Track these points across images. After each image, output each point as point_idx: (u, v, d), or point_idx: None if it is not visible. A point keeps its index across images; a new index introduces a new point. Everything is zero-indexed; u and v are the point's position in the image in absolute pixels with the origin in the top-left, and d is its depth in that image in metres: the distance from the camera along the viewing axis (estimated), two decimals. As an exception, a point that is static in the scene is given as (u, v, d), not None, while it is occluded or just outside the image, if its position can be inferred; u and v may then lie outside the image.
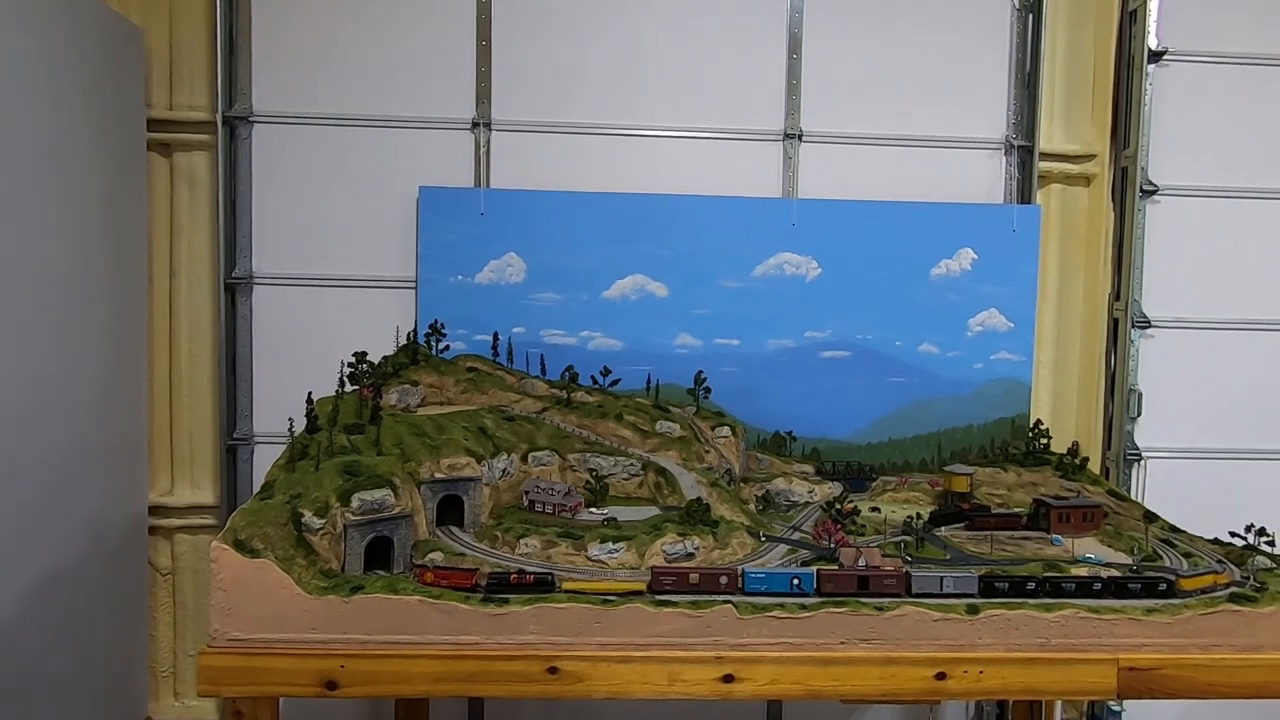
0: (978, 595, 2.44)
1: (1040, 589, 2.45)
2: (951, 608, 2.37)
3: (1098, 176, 4.87)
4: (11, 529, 3.30)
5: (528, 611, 2.26)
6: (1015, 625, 2.34)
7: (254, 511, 2.35)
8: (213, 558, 2.21)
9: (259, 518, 2.33)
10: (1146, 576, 2.53)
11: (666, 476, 3.46)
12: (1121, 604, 2.42)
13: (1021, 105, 4.70)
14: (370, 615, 2.23)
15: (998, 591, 2.44)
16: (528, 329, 4.41)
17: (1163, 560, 2.93)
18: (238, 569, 2.21)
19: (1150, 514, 3.56)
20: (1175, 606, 2.43)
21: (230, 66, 4.37)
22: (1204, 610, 2.41)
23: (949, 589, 2.43)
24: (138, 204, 4.38)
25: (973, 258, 4.63)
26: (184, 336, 4.60)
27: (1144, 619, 2.38)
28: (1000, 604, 2.39)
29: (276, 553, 2.27)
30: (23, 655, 3.38)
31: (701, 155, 4.59)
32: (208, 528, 4.59)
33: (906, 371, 4.64)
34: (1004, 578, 2.48)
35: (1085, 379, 4.96)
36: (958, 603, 2.40)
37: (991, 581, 2.46)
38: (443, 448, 2.95)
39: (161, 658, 4.70)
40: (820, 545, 2.87)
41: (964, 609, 2.37)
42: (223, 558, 2.21)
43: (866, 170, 4.66)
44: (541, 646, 2.26)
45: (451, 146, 4.49)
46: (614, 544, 2.63)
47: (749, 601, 2.35)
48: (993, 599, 2.42)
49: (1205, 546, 3.07)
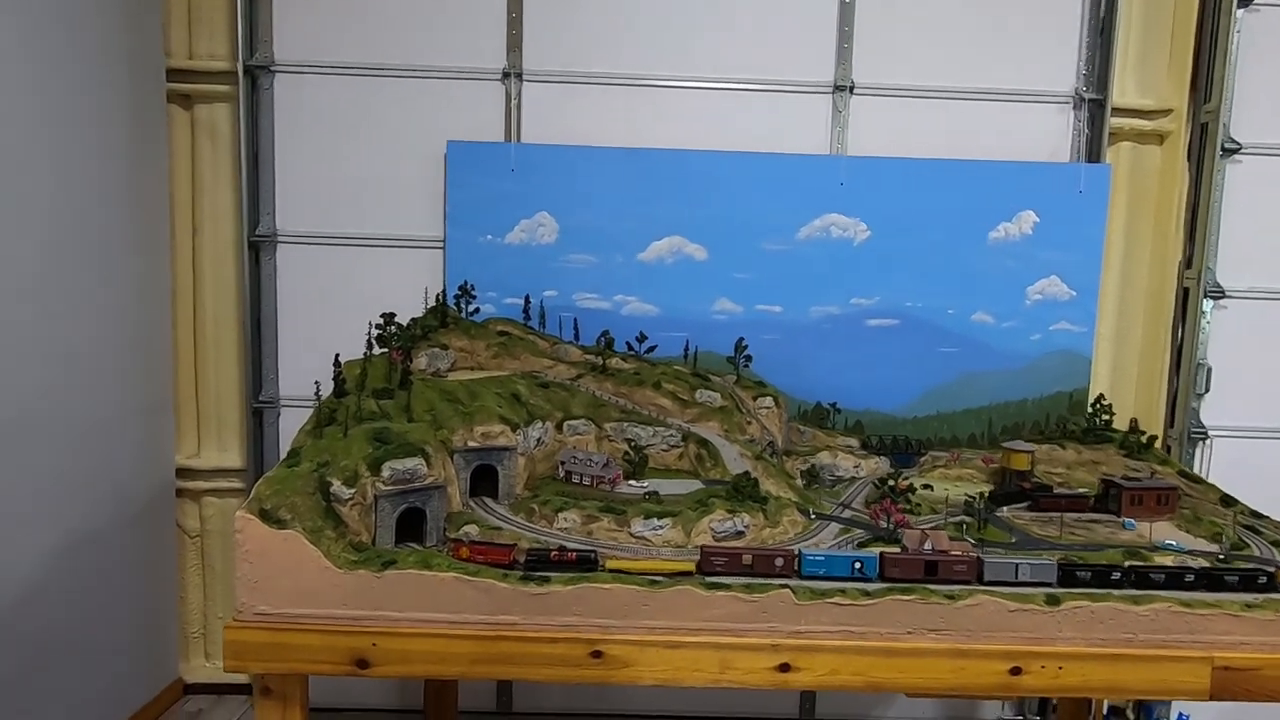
0: (1056, 584, 2.25)
1: (1126, 579, 2.25)
2: (1029, 597, 2.18)
3: (1173, 133, 4.50)
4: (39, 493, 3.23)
5: (570, 591, 2.12)
6: (1100, 618, 2.15)
7: (280, 480, 2.22)
8: (237, 528, 2.08)
9: (285, 486, 2.20)
10: (1244, 569, 2.31)
11: (709, 448, 3.29)
12: (1216, 598, 2.21)
13: (1094, 54, 4.33)
14: (403, 592, 2.10)
15: (1079, 581, 2.25)
16: (560, 292, 4.22)
17: (1251, 550, 2.70)
18: (264, 540, 2.08)
19: (1228, 497, 3.31)
20: (1276, 602, 2.22)
21: (251, 13, 4.16)
22: (1309, 606, 2.19)
23: (1025, 577, 2.23)
24: (159, 158, 4.22)
25: (1034, 221, 4.32)
26: (208, 296, 4.47)
27: (1242, 615, 2.18)
28: (1083, 594, 2.20)
29: (304, 524, 2.14)
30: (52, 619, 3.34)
31: (745, 108, 4.31)
32: (235, 491, 4.53)
33: (958, 342, 4.39)
34: (1085, 566, 2.28)
35: (1148, 352, 4.65)
36: (1035, 592, 2.21)
37: (1072, 570, 2.26)
38: (476, 415, 2.80)
39: (192, 619, 4.68)
40: (878, 525, 2.69)
41: (1043, 599, 2.18)
42: (248, 528, 2.08)
43: (921, 125, 4.34)
44: (585, 629, 2.11)
45: (481, 98, 4.26)
46: (658, 520, 2.47)
47: (807, 586, 2.18)
48: (1074, 589, 2.23)
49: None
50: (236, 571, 2.11)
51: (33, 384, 3.13)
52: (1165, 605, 2.18)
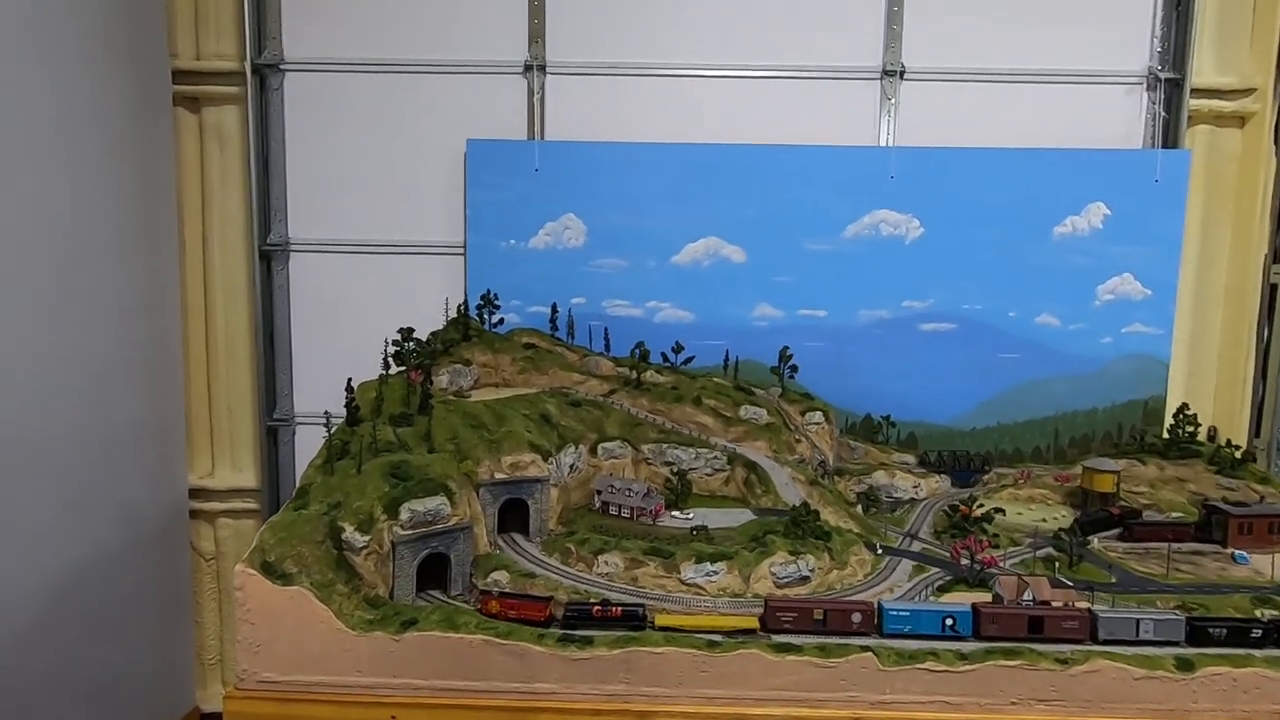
0: (1185, 643, 1.92)
1: (1267, 637, 1.92)
2: (1156, 661, 1.86)
3: (1256, 115, 4.09)
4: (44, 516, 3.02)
5: (615, 656, 1.84)
6: (1243, 687, 1.82)
7: (286, 525, 1.97)
8: (237, 585, 1.83)
9: (292, 533, 1.94)
10: None
11: (758, 472, 2.99)
12: (1379, 660, 1.87)
13: (1170, 30, 3.94)
14: (425, 656, 1.84)
15: (1212, 639, 1.91)
16: (589, 299, 3.94)
17: (1395, 591, 2.34)
18: (267, 598, 1.83)
19: (1345, 523, 2.94)
20: None
21: (259, 10, 3.92)
22: None
23: (1148, 635, 1.91)
24: (165, 164, 3.99)
25: (1105, 214, 3.95)
26: (219, 308, 4.25)
27: None
28: (1219, 658, 1.86)
29: (313, 577, 1.88)
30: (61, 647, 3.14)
31: (785, 98, 3.97)
32: (250, 512, 4.31)
33: (1021, 347, 4.03)
34: (1217, 620, 1.94)
35: (1229, 356, 4.25)
36: (1162, 654, 1.88)
37: (1204, 626, 1.93)
38: (503, 442, 2.53)
39: (208, 645, 4.48)
40: (959, 564, 2.37)
41: (1173, 663, 1.86)
42: (249, 584, 1.83)
43: (978, 112, 3.97)
44: (633, 699, 1.84)
45: (502, 93, 3.97)
46: (712, 564, 2.18)
47: (891, 647, 1.88)
48: (1206, 649, 1.89)
49: None
50: (237, 634, 1.85)
51: (37, 403, 2.91)
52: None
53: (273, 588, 1.79)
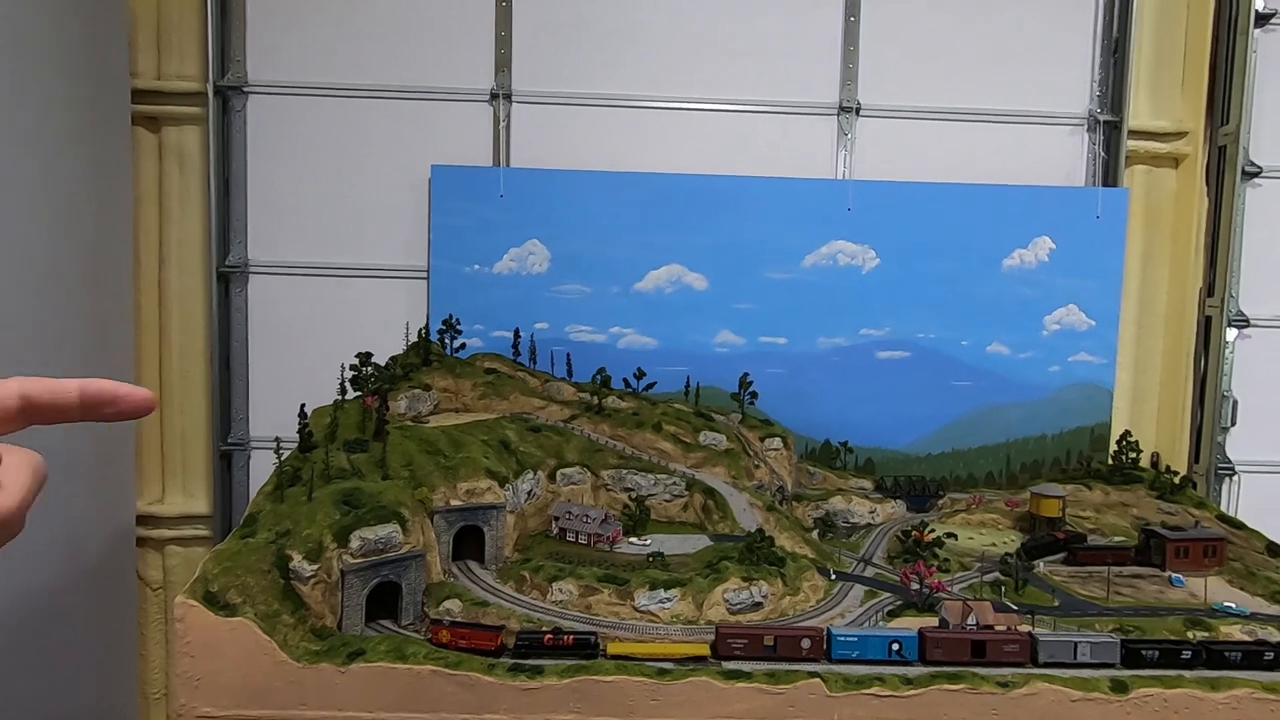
0: (1120, 665, 1.98)
1: (1197, 658, 1.99)
2: (1092, 683, 1.92)
3: (1189, 156, 4.33)
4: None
5: (567, 685, 1.83)
6: (1174, 707, 1.89)
7: (231, 554, 1.93)
8: (177, 616, 1.79)
9: (237, 562, 1.91)
10: (1327, 643, 2.05)
11: (716, 498, 3.02)
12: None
13: (1108, 75, 4.16)
14: (373, 688, 1.81)
15: (1145, 661, 1.98)
16: (552, 325, 3.96)
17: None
18: (209, 630, 1.78)
19: (1275, 545, 3.07)
20: (1368, 683, 1.97)
21: (223, 31, 3.92)
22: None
23: (1085, 657, 1.97)
24: (123, 183, 3.94)
25: (1050, 247, 4.12)
26: (174, 330, 4.17)
27: (1334, 700, 1.92)
28: (1152, 679, 1.93)
29: (258, 608, 1.84)
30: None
31: (746, 131, 4.09)
32: (201, 539, 4.19)
33: (973, 375, 4.15)
34: (1151, 643, 2.01)
35: (1169, 384, 4.43)
36: (1098, 676, 1.94)
37: (1138, 649, 2.00)
38: (459, 468, 2.52)
39: (153, 679, 4.31)
40: (909, 589, 2.42)
41: (1108, 685, 1.92)
42: (190, 616, 1.79)
43: (931, 148, 4.14)
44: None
45: (467, 120, 4.02)
46: (665, 591, 2.19)
47: (839, 673, 1.91)
48: (1141, 670, 1.96)
49: (1359, 591, 2.59)
50: (176, 667, 1.80)
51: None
52: (1247, 690, 1.91)
53: (215, 619, 1.74)
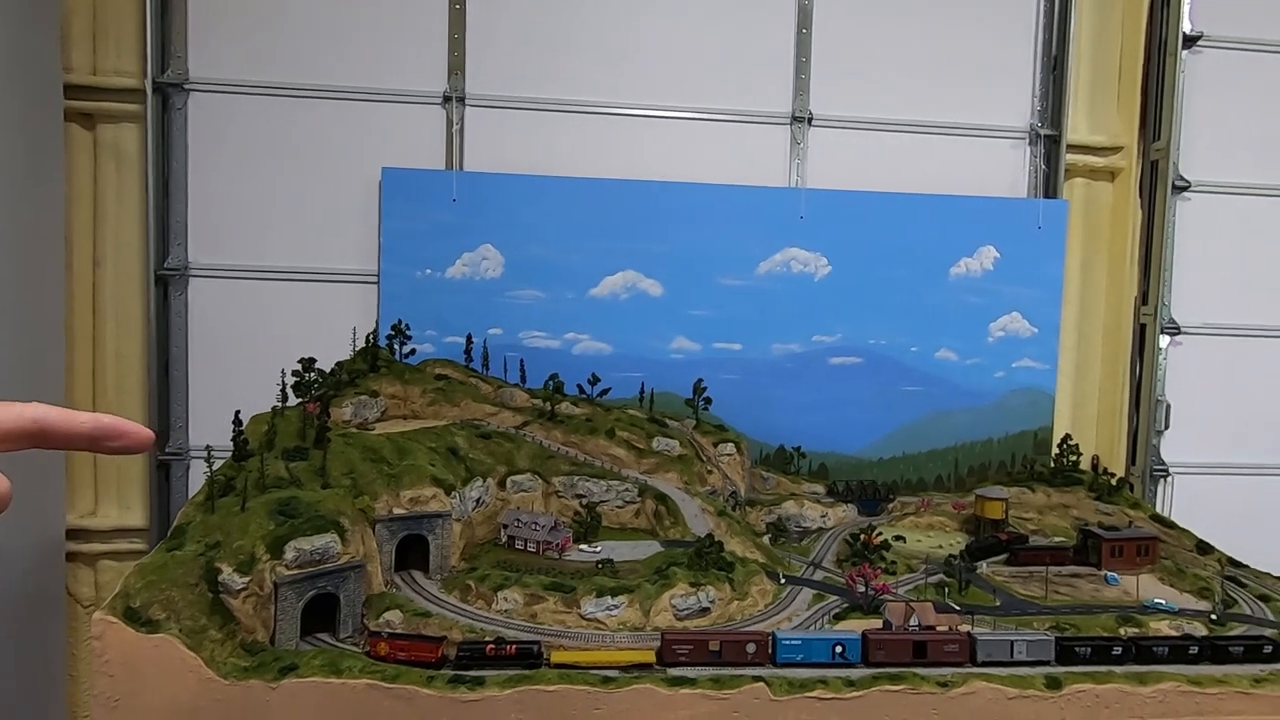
0: (1054, 662, 2.03)
1: (1127, 653, 2.05)
2: (1028, 681, 1.96)
3: (1124, 171, 4.51)
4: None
5: (508, 696, 1.79)
6: (1105, 702, 1.94)
7: (156, 568, 1.85)
8: (95, 634, 1.70)
9: (162, 576, 1.82)
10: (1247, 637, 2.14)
11: (668, 504, 3.01)
12: (1224, 672, 2.03)
13: (1048, 91, 4.31)
14: (306, 705, 1.75)
15: (1078, 657, 2.03)
16: (505, 330, 3.92)
17: (1241, 607, 2.55)
18: (129, 647, 1.70)
19: (1204, 544, 3.20)
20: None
21: (163, 26, 3.79)
22: (1317, 677, 2.03)
23: (1021, 655, 2.01)
24: (54, 182, 3.77)
25: (995, 256, 4.24)
26: (110, 335, 4.00)
27: (1253, 692, 2.00)
28: (1084, 675, 1.98)
29: (182, 623, 1.76)
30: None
31: (701, 138, 4.12)
32: (136, 553, 4.01)
33: (922, 380, 4.24)
34: (1083, 640, 2.07)
35: (1107, 389, 4.60)
36: (1033, 673, 1.99)
37: (1071, 646, 2.05)
38: (404, 476, 2.46)
39: (84, 700, 4.10)
40: (855, 592, 2.44)
41: (1042, 682, 1.96)
42: (109, 633, 1.70)
43: (882, 159, 4.22)
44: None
45: (420, 123, 3.96)
46: (612, 598, 2.17)
47: (783, 676, 1.91)
48: (1074, 666, 2.01)
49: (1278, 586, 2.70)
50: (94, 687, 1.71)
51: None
52: (1173, 685, 1.98)
53: (135, 636, 1.67)
